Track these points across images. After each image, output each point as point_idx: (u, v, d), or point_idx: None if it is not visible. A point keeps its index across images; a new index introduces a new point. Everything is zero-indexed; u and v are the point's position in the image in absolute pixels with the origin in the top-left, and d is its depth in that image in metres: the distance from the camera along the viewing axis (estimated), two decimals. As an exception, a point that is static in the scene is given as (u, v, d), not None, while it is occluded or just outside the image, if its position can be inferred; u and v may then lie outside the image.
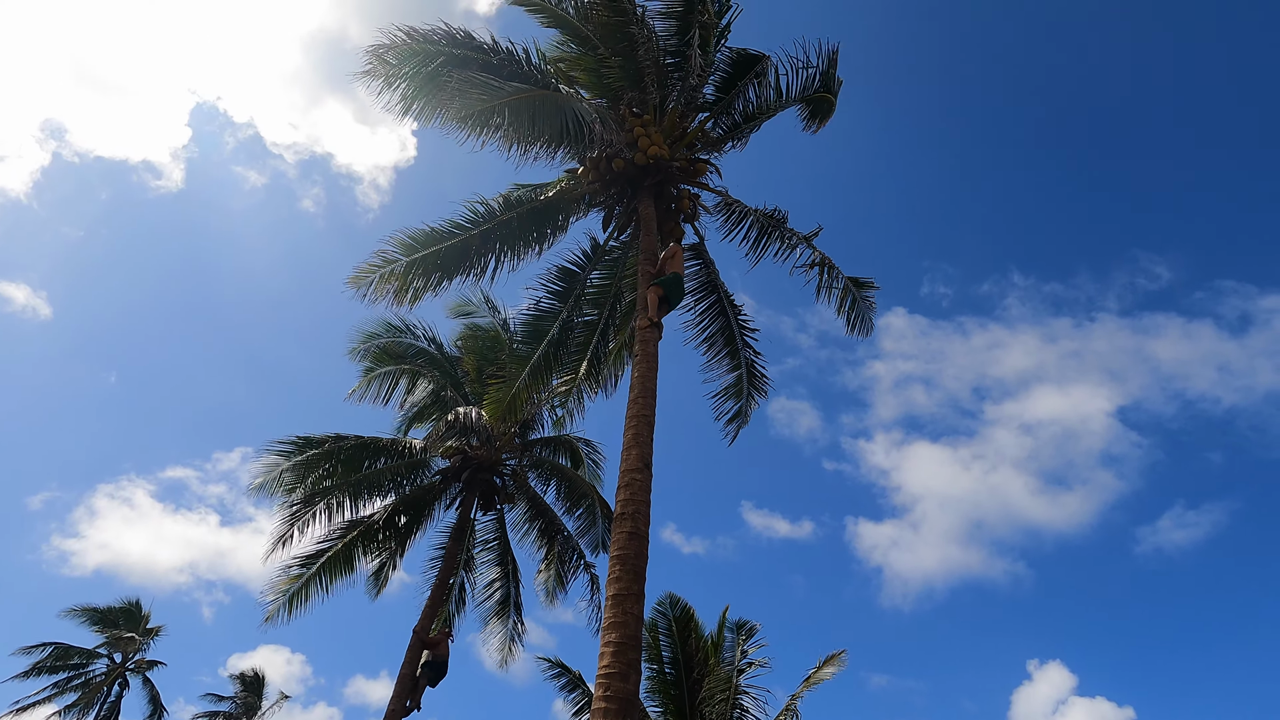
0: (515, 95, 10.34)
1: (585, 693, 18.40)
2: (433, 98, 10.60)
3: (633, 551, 8.63)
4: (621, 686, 7.75)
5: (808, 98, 13.20)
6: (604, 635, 8.16)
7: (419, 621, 16.15)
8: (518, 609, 18.92)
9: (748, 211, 13.27)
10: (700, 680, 17.09)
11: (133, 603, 29.73)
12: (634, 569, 8.51)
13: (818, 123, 13.62)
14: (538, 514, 18.77)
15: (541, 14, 12.38)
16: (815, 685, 17.06)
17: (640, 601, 8.43)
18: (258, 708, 29.82)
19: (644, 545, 8.79)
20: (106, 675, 28.55)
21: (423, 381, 18.34)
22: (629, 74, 12.29)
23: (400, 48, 11.15)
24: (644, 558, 8.72)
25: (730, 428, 13.69)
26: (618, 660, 7.91)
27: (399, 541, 18.36)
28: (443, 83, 10.54)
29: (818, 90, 13.10)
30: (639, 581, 8.52)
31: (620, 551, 8.65)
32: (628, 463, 9.40)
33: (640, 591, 8.48)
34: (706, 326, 13.66)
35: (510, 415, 14.28)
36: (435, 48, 11.45)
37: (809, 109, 13.47)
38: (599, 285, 13.73)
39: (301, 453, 16.38)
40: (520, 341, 13.88)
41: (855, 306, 13.18)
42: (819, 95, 13.15)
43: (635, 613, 8.26)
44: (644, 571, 8.64)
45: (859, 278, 13.20)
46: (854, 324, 13.39)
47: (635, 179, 12.57)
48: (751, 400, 13.69)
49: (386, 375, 18.18)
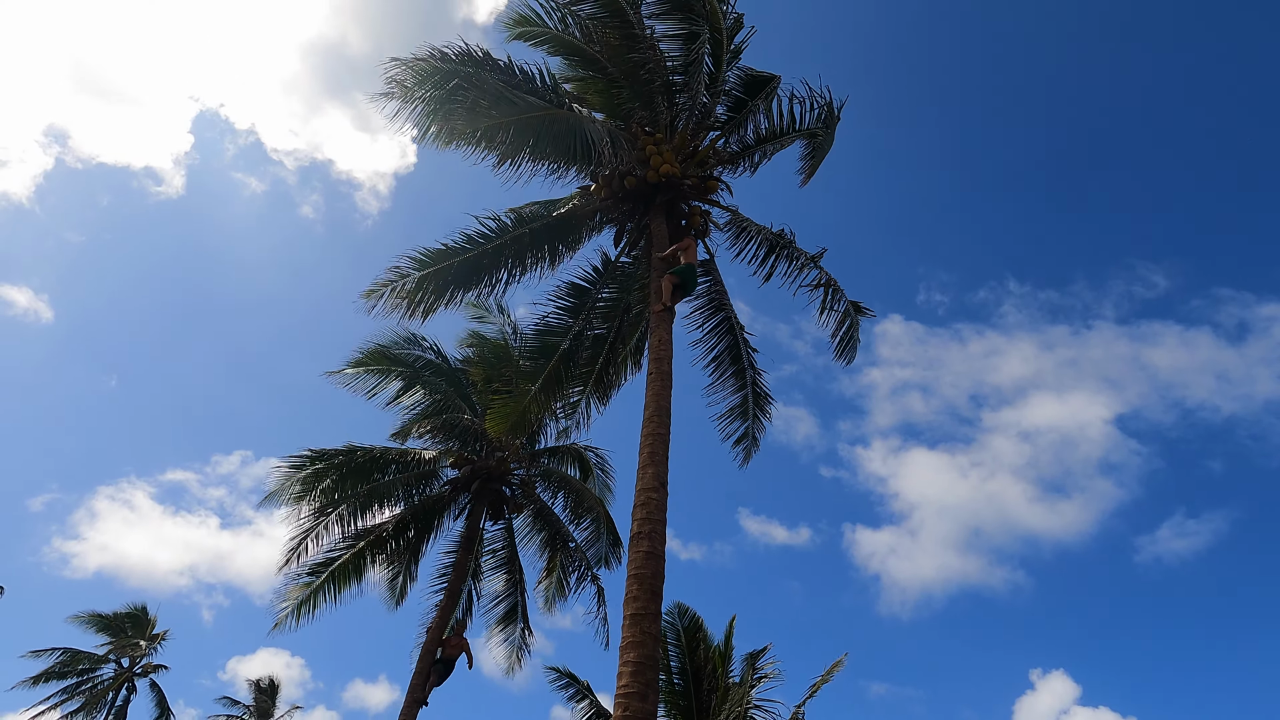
0: (531, 113, 10.44)
1: (593, 703, 18.49)
2: (449, 117, 10.70)
3: (650, 571, 8.74)
4: (640, 706, 7.87)
5: (813, 132, 13.34)
6: (622, 655, 8.27)
7: (429, 631, 16.36)
8: (525, 617, 19.02)
9: (757, 230, 13.37)
10: (710, 692, 17.19)
11: (139, 608, 29.89)
12: (651, 589, 8.62)
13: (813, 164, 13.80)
14: (544, 523, 18.88)
15: (547, 44, 12.46)
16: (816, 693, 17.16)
17: (658, 621, 8.55)
18: (271, 714, 29.95)
19: (660, 565, 8.90)
20: (113, 680, 28.66)
21: (422, 389, 18.31)
22: (639, 94, 12.41)
23: (417, 66, 11.22)
24: (660, 577, 8.84)
25: (739, 449, 13.81)
26: (636, 680, 8.03)
27: (412, 552, 18.47)
28: (459, 102, 10.65)
29: (820, 127, 13.25)
30: (656, 601, 8.64)
31: (638, 571, 8.76)
32: (644, 481, 9.50)
33: (658, 611, 8.60)
34: (714, 345, 13.72)
35: (519, 429, 14.41)
36: (451, 67, 11.53)
37: (809, 146, 13.62)
38: (609, 301, 13.83)
39: (313, 465, 16.50)
40: (529, 357, 13.98)
41: (850, 332, 13.21)
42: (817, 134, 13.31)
43: (653, 632, 8.38)
44: (661, 591, 8.76)
45: (859, 304, 13.28)
46: (843, 350, 13.41)
47: (647, 196, 12.67)
48: (758, 421, 13.78)
49: (378, 373, 17.96)
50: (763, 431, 13.99)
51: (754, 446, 13.93)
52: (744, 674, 16.80)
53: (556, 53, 12.68)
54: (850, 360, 13.43)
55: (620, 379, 14.82)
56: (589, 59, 12.64)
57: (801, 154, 13.90)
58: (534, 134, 11.13)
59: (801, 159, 13.94)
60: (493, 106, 10.51)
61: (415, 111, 10.72)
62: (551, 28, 12.45)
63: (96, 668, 28.73)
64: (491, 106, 10.53)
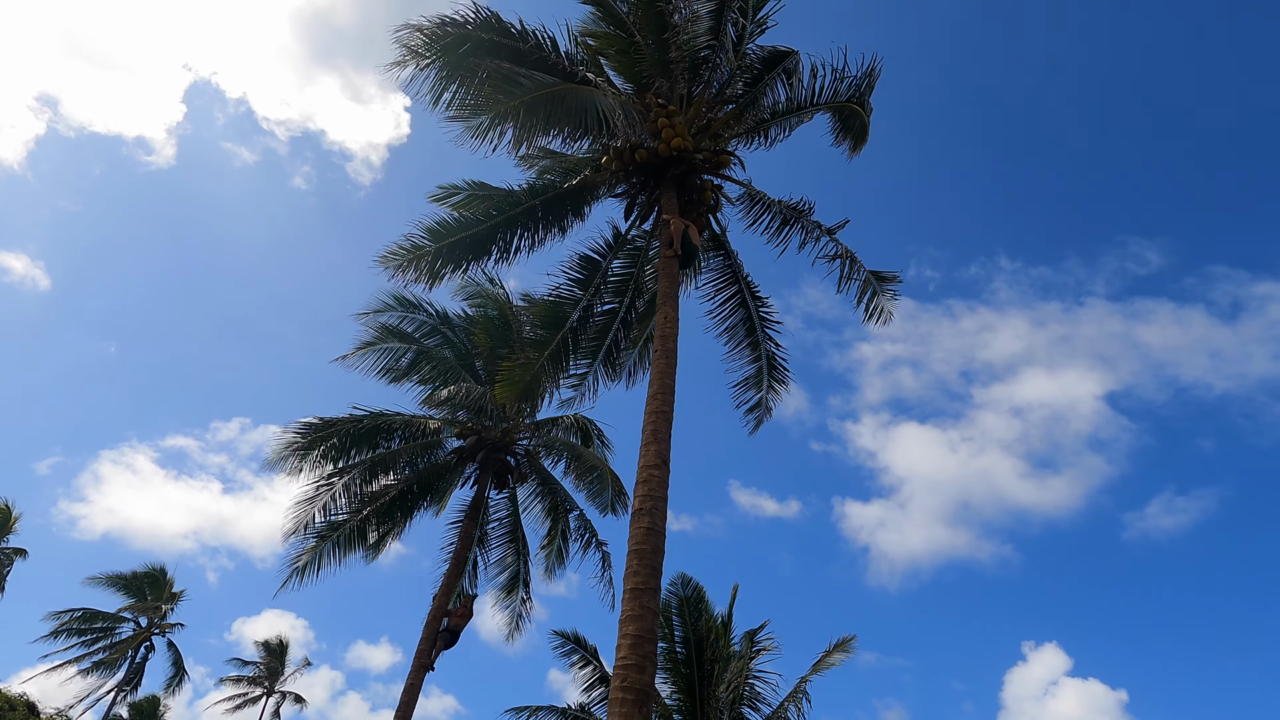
0: (542, 90, 10.30)
1: (597, 668, 18.76)
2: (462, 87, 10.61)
3: (650, 547, 8.82)
4: (638, 678, 7.99)
5: (838, 105, 13.10)
6: (622, 628, 8.38)
7: (435, 598, 16.60)
8: (526, 585, 19.25)
9: (771, 203, 13.26)
10: (713, 661, 17.42)
11: (158, 568, 30.53)
12: (651, 565, 8.71)
13: (851, 142, 13.53)
14: (547, 491, 19.04)
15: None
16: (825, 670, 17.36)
17: (657, 596, 8.64)
18: (280, 672, 30.64)
19: (661, 540, 8.98)
20: (133, 638, 29.36)
21: (429, 365, 18.40)
22: (659, 61, 12.25)
23: (429, 31, 11.09)
24: (661, 553, 8.92)
25: (751, 418, 13.93)
26: (634, 653, 8.14)
27: (405, 514, 18.67)
28: (472, 69, 10.55)
29: (849, 99, 12.99)
30: (655, 576, 8.73)
31: (638, 546, 8.84)
32: (646, 459, 9.55)
33: (657, 586, 8.69)
34: (727, 317, 13.76)
35: (528, 396, 14.48)
36: (463, 31, 11.38)
37: (840, 122, 13.39)
38: (620, 274, 13.81)
39: (320, 432, 16.64)
40: (539, 326, 14.00)
41: (875, 298, 13.21)
42: (848, 106, 13.05)
43: (652, 607, 8.48)
44: (661, 566, 8.85)
45: (881, 271, 13.21)
46: (873, 315, 13.40)
47: (658, 169, 12.57)
48: (773, 391, 13.85)
49: (387, 352, 18.11)
50: (778, 400, 14.12)
51: (766, 415, 14.17)
52: (743, 648, 17.01)
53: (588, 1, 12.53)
54: (885, 323, 13.44)
55: (631, 359, 14.90)
56: (616, 17, 12.50)
57: (832, 127, 13.67)
58: (545, 109, 11.01)
59: (833, 131, 13.70)
60: (500, 91, 10.41)
61: (427, 79, 10.63)
62: None
63: (116, 626, 29.45)
64: (498, 91, 10.43)
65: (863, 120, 13.20)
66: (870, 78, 13.00)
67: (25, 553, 29.18)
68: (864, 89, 13.05)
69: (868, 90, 13.07)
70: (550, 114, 10.57)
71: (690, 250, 11.62)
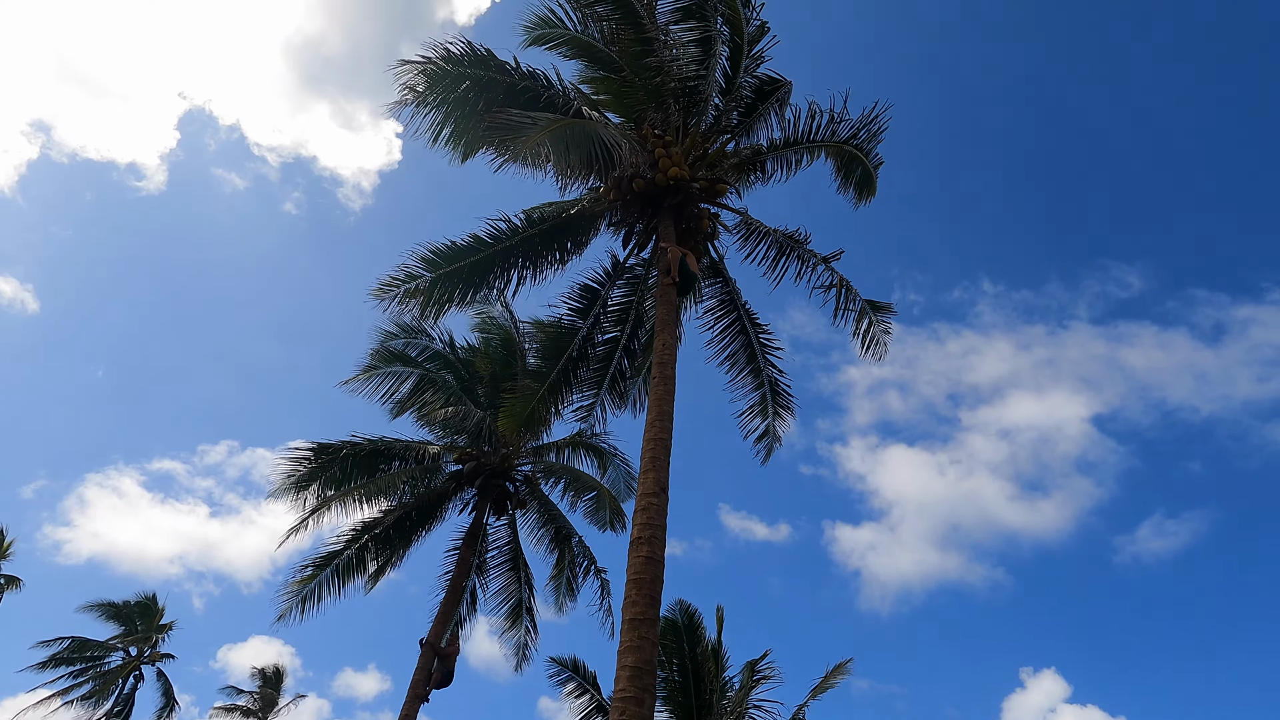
0: (549, 127, 10.34)
1: (594, 698, 18.59)
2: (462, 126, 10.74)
3: (649, 576, 8.80)
4: (637, 711, 7.93)
5: (837, 147, 13.16)
6: (620, 659, 8.32)
7: (432, 627, 16.43)
8: (530, 614, 19.04)
9: (767, 232, 13.37)
10: (711, 692, 17.29)
11: (149, 597, 30.19)
12: (650, 594, 8.68)
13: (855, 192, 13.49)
14: (548, 518, 18.93)
15: (567, 46, 12.43)
16: (822, 694, 17.24)
17: (655, 626, 8.60)
18: (275, 703, 30.19)
19: (660, 570, 8.95)
20: (122, 667, 28.97)
21: (432, 389, 18.37)
22: (652, 96, 12.40)
23: (428, 70, 11.25)
24: (660, 582, 8.89)
25: (760, 446, 13.97)
26: (633, 684, 8.09)
27: (404, 541, 18.52)
28: (472, 108, 10.68)
29: (848, 141, 13.08)
30: (654, 606, 8.69)
31: (637, 575, 8.81)
32: (644, 486, 9.55)
33: (656, 616, 8.65)
34: (727, 345, 13.83)
35: (530, 428, 14.47)
36: (460, 69, 11.55)
37: (841, 166, 13.44)
38: (620, 303, 13.91)
39: (318, 458, 16.59)
40: (542, 356, 14.05)
41: (870, 330, 13.26)
42: (847, 149, 13.11)
43: (650, 637, 8.43)
44: (660, 596, 8.82)
45: (875, 301, 13.30)
46: (868, 346, 13.44)
47: (655, 199, 12.69)
48: (779, 418, 13.86)
49: (390, 376, 18.10)
50: (786, 428, 14.05)
51: (776, 443, 14.10)
52: (744, 679, 16.89)
53: (573, 56, 12.66)
54: (880, 358, 13.42)
55: (636, 387, 14.92)
56: (605, 60, 12.61)
57: (835, 171, 13.65)
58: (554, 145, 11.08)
59: (836, 176, 13.69)
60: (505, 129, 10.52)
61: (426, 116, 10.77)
62: (571, 30, 12.39)
63: (105, 655, 29.04)
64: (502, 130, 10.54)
65: (865, 168, 13.19)
66: (872, 125, 12.98)
67: (20, 581, 28.58)
68: (865, 136, 13.08)
69: (870, 139, 13.10)
70: (564, 147, 10.60)
71: (688, 278, 11.68)
